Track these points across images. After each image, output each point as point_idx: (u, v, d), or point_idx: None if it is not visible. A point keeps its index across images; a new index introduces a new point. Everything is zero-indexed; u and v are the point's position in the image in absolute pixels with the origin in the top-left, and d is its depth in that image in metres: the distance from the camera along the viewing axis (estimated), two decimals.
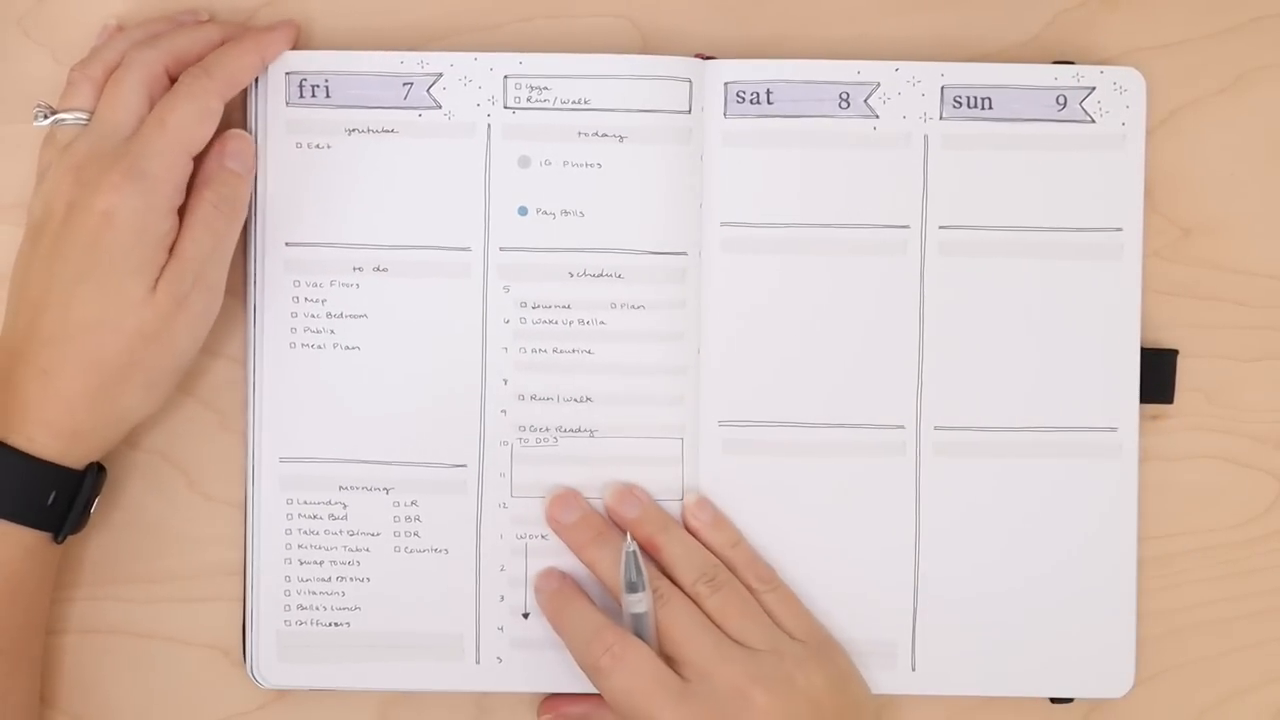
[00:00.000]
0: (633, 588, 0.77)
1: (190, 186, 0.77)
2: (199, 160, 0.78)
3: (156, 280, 0.75)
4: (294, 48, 0.81)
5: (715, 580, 0.79)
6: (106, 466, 0.79)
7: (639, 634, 0.77)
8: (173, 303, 0.76)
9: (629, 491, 0.81)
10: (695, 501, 0.82)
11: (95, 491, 0.78)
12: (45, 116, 0.78)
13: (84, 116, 0.78)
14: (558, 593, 0.80)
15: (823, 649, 0.80)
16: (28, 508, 0.75)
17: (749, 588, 0.80)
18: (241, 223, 0.80)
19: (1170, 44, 0.85)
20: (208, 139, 0.78)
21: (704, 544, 0.81)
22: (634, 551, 0.78)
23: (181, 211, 0.77)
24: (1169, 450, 0.85)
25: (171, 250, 0.76)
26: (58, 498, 0.76)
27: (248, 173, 0.80)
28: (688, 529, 0.81)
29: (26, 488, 0.75)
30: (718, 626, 0.78)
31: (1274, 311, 0.85)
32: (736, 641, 0.78)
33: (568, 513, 0.81)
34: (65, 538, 0.78)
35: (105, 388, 0.75)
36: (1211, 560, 0.85)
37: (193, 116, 0.77)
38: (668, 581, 0.79)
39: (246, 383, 0.82)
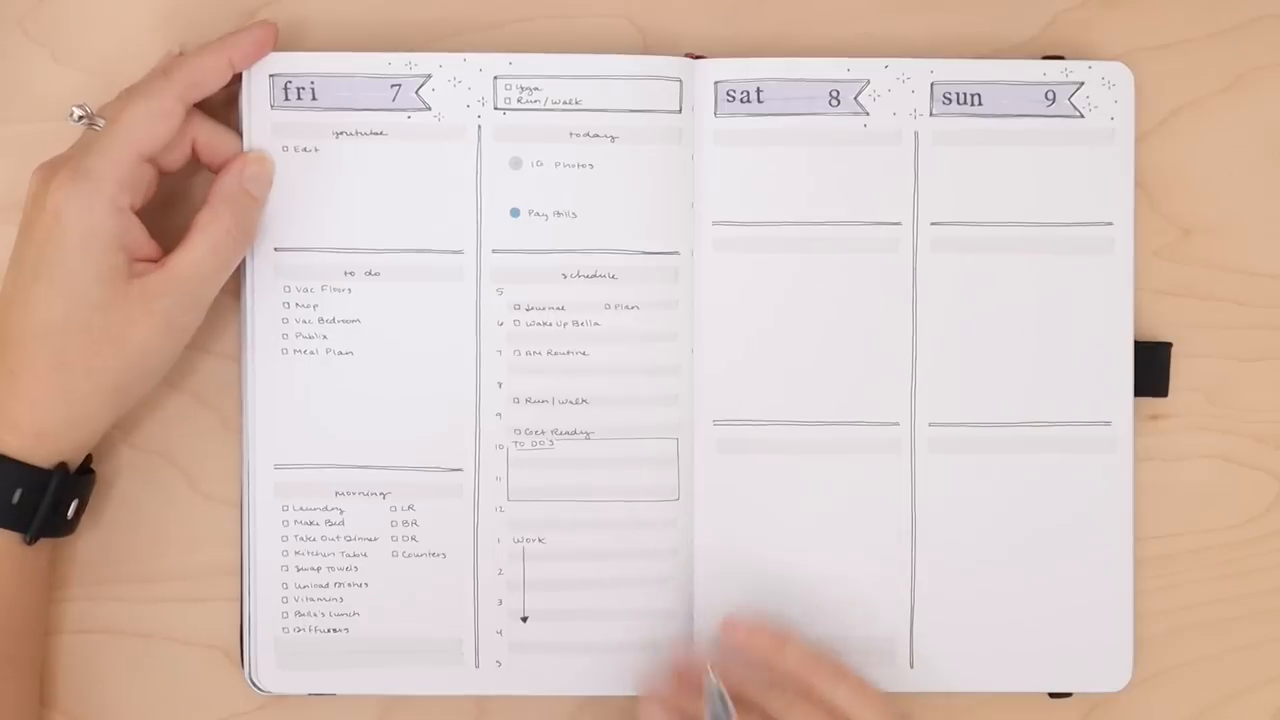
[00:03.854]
0: None
1: (202, 200, 0.78)
2: (217, 175, 0.79)
3: (130, 281, 0.75)
4: (285, 49, 0.80)
5: (787, 699, 0.76)
6: (96, 469, 0.80)
7: None
8: (148, 313, 0.75)
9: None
10: (726, 623, 0.80)
11: (73, 493, 0.78)
12: (79, 118, 0.77)
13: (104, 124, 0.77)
14: None
15: None
16: None
17: (811, 686, 0.77)
18: (249, 248, 0.80)
19: (1170, 44, 0.85)
20: (163, 140, 0.76)
21: (751, 654, 0.78)
22: (719, 692, 0.74)
23: (139, 213, 0.77)
24: (1168, 450, 0.84)
25: (164, 259, 0.76)
26: (24, 496, 0.75)
27: (263, 198, 0.80)
28: (729, 647, 0.79)
29: None
30: None
31: (1274, 311, 0.85)
32: None
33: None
34: (36, 538, 0.76)
35: (70, 389, 0.75)
36: (1211, 560, 0.85)
37: (143, 116, 0.76)
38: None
39: (241, 390, 0.82)
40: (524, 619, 0.82)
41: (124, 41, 0.83)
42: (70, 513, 0.78)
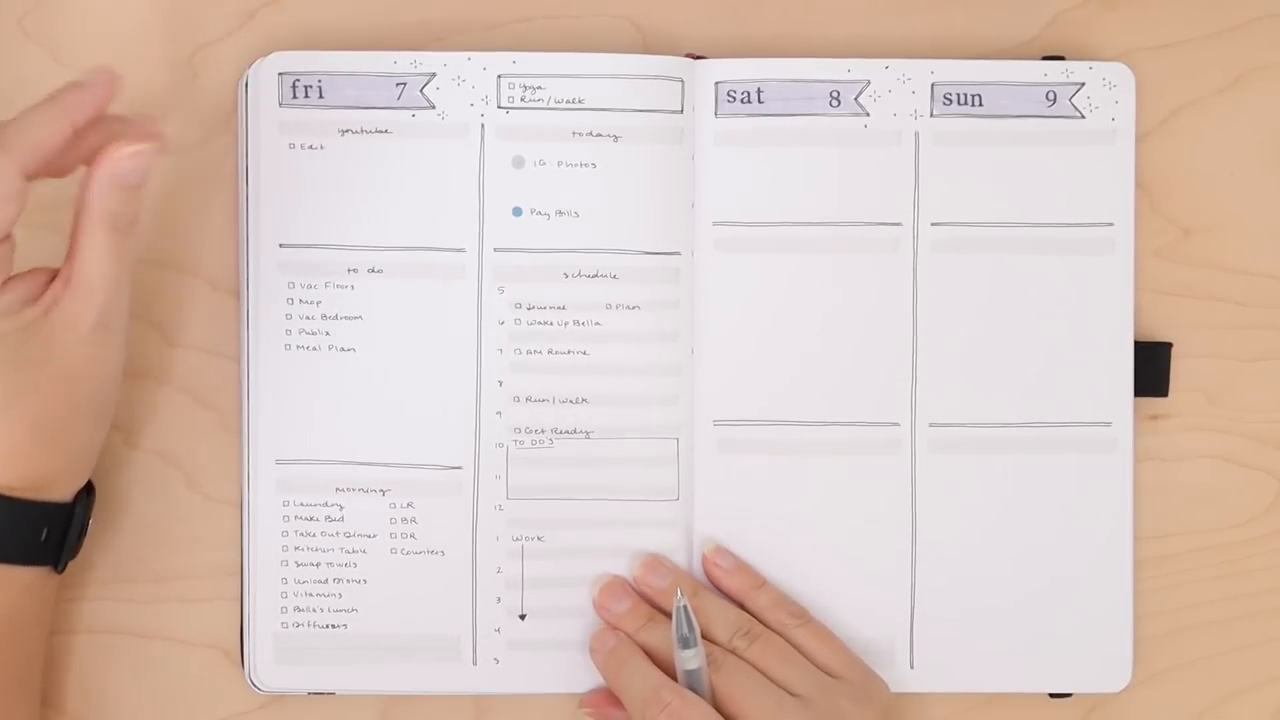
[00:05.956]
0: (685, 643, 0.77)
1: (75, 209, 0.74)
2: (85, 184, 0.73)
3: (47, 315, 0.72)
4: (293, 48, 0.81)
5: (750, 632, 0.79)
6: (95, 482, 0.79)
7: (694, 691, 0.77)
8: (84, 341, 0.73)
9: (656, 561, 0.81)
10: (714, 550, 0.82)
11: (87, 516, 0.78)
12: None
13: None
14: (614, 651, 0.80)
15: (866, 684, 0.80)
16: (21, 547, 0.75)
17: (781, 624, 0.80)
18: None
19: (1170, 44, 0.85)
20: (13, 221, 0.71)
21: (727, 590, 0.81)
22: (684, 606, 0.77)
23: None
24: (1168, 450, 0.84)
25: (68, 279, 0.73)
26: (50, 532, 0.75)
27: (140, 182, 0.73)
28: (708, 576, 0.82)
29: (16, 528, 0.74)
30: (763, 674, 0.78)
31: (1274, 311, 0.85)
32: (784, 690, 0.77)
33: (619, 602, 0.81)
34: (66, 566, 0.77)
35: (62, 427, 0.74)
36: (1211, 560, 0.84)
37: None
38: (719, 646, 0.79)
39: (241, 385, 0.82)
40: (522, 617, 0.82)
41: (124, 41, 0.83)
42: (87, 531, 0.79)
